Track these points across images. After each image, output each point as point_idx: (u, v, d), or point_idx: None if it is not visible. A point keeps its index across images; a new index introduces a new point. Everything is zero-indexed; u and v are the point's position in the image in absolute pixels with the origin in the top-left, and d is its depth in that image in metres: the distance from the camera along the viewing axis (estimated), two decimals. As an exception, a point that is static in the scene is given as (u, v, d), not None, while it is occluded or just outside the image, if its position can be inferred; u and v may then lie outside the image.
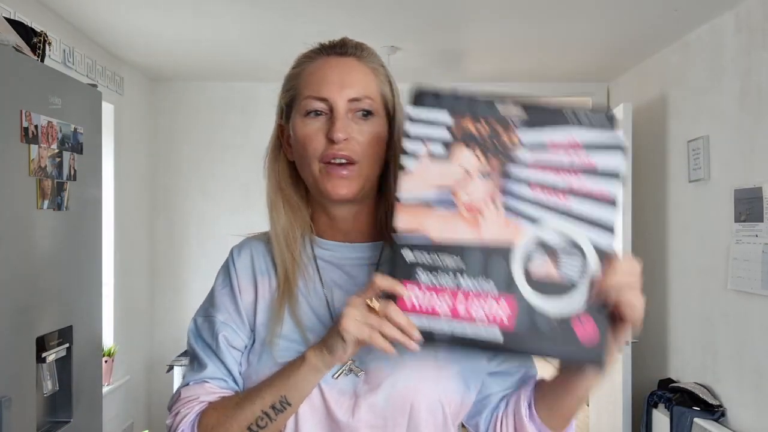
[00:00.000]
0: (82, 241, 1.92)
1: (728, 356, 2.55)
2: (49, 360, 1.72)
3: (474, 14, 2.68)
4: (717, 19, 2.65)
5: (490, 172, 0.64)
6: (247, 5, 2.56)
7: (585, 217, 0.63)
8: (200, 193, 3.90)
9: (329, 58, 0.84)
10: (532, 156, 0.63)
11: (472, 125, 0.64)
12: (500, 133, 0.64)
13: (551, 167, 0.63)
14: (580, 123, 0.64)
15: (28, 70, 1.65)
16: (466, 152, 0.64)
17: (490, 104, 0.65)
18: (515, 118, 0.64)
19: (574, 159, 0.63)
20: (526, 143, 0.63)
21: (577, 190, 0.63)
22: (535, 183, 0.63)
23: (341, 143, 0.79)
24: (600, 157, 0.62)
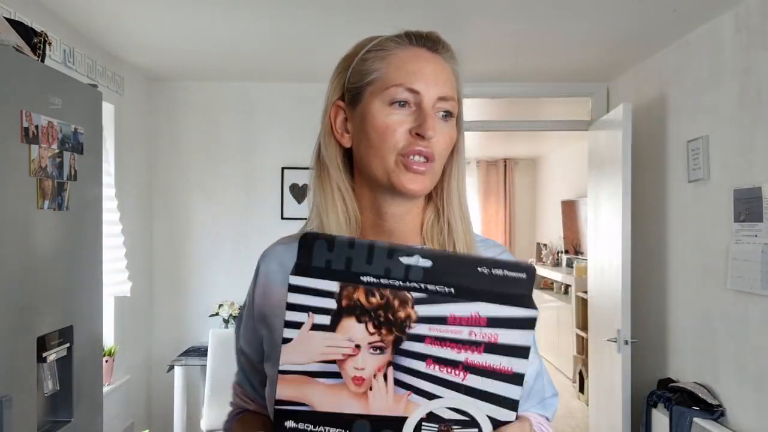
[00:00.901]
0: (82, 241, 1.92)
1: (728, 356, 2.55)
2: (49, 360, 1.72)
3: (474, 14, 2.69)
4: (716, 19, 2.65)
5: (381, 346, 0.59)
6: (247, 6, 2.57)
7: (483, 393, 0.59)
8: (200, 193, 3.90)
9: (421, 50, 0.81)
10: (429, 330, 0.58)
11: (363, 297, 0.58)
12: (395, 306, 0.58)
13: (450, 343, 0.58)
14: (493, 279, 0.59)
15: (29, 71, 1.65)
16: (355, 325, 0.58)
17: (391, 256, 0.59)
18: (413, 281, 0.59)
19: (476, 335, 0.58)
20: (422, 317, 0.58)
21: (477, 365, 0.58)
22: (430, 358, 0.58)
23: (431, 140, 0.77)
24: (506, 333, 0.57)
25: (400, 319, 0.58)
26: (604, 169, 3.37)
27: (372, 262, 0.60)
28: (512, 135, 6.08)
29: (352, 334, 0.59)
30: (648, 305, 3.28)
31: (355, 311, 0.58)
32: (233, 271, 3.80)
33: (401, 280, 0.59)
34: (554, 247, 6.84)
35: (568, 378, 5.53)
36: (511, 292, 0.59)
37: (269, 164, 3.89)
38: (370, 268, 0.60)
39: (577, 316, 5.19)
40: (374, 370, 0.59)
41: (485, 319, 0.57)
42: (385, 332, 0.59)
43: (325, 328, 0.59)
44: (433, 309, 0.58)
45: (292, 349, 0.60)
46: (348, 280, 0.58)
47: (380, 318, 0.58)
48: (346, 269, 0.60)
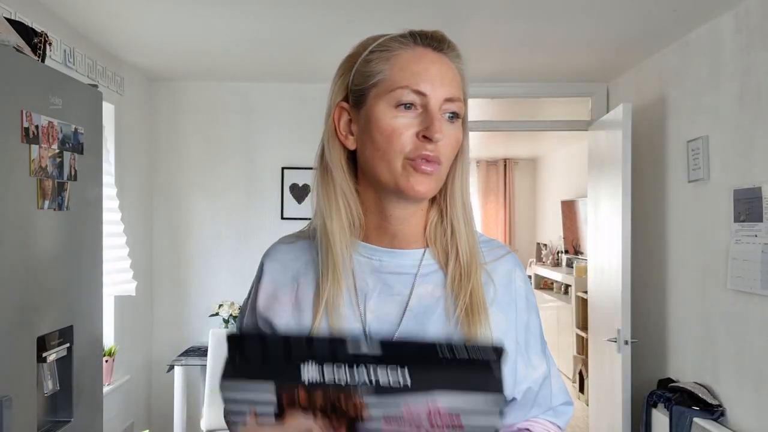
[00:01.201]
0: (82, 241, 1.92)
1: (728, 356, 2.56)
2: (49, 360, 1.72)
3: (473, 14, 2.69)
4: (716, 19, 2.65)
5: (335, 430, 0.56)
6: (247, 6, 2.57)
7: None
8: (200, 193, 3.90)
9: (426, 50, 0.79)
10: (385, 424, 0.55)
11: (304, 396, 0.55)
12: (342, 402, 0.55)
13: (409, 426, 0.54)
14: (451, 371, 0.54)
15: (29, 71, 1.65)
16: (302, 416, 0.55)
17: (335, 348, 0.55)
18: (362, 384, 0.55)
19: (438, 425, 0.54)
20: (375, 415, 0.54)
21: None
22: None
23: (438, 144, 0.76)
24: (470, 418, 0.54)
25: (350, 414, 0.55)
26: (604, 169, 3.37)
27: (314, 355, 0.56)
28: (512, 135, 6.08)
29: (301, 426, 0.56)
30: (648, 305, 3.28)
31: (300, 407, 0.55)
32: (233, 271, 3.80)
33: (349, 363, 0.55)
34: (554, 247, 6.84)
35: (568, 378, 5.53)
36: (477, 375, 0.55)
37: (269, 164, 3.89)
38: (312, 354, 0.55)
39: (577, 316, 5.19)
40: None
41: (444, 409, 0.54)
42: (337, 422, 0.56)
43: (272, 419, 0.56)
44: (386, 402, 0.54)
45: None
46: (287, 374, 0.54)
47: (328, 411, 0.55)
48: (285, 358, 0.56)
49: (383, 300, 0.81)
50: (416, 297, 0.81)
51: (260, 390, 0.55)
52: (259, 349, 0.57)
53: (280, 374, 0.55)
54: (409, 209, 0.82)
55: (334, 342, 0.56)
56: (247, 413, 0.56)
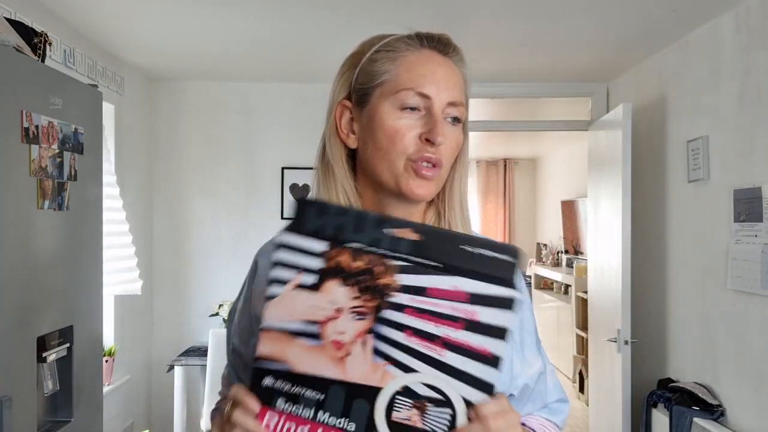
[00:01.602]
0: (82, 241, 1.92)
1: (728, 356, 2.56)
2: (49, 360, 1.72)
3: (473, 14, 2.69)
4: (716, 19, 2.65)
5: (362, 312, 0.59)
6: (247, 6, 2.57)
7: (459, 371, 0.58)
8: (200, 193, 3.90)
9: (432, 53, 0.79)
10: (410, 301, 0.58)
11: (349, 260, 0.59)
12: (378, 273, 0.59)
13: (430, 315, 0.58)
14: (479, 258, 0.58)
15: (29, 71, 1.66)
16: (338, 288, 0.59)
17: (380, 225, 0.60)
18: (401, 252, 0.59)
19: (457, 310, 0.58)
20: (404, 286, 0.58)
21: (455, 342, 0.58)
22: (409, 329, 0.58)
23: (440, 147, 0.76)
24: (486, 311, 0.57)
25: (381, 285, 0.59)
26: (604, 169, 3.37)
27: (362, 231, 0.60)
28: (512, 135, 6.08)
29: (334, 296, 0.60)
30: (648, 305, 3.28)
31: (340, 273, 0.60)
32: (233, 270, 3.80)
33: (390, 249, 0.60)
34: (554, 247, 6.84)
35: (568, 378, 5.53)
36: (495, 274, 0.59)
37: (269, 164, 3.89)
38: (359, 237, 0.60)
39: (577, 316, 5.19)
40: (354, 336, 0.60)
41: (465, 294, 0.58)
42: (366, 298, 0.59)
43: (310, 288, 0.60)
44: (415, 279, 0.58)
45: (276, 306, 0.61)
46: (336, 239, 0.60)
47: (363, 283, 0.59)
48: (335, 236, 0.61)
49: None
50: None
51: (313, 250, 0.60)
52: (319, 219, 0.61)
53: (334, 240, 0.60)
54: (408, 210, 0.82)
55: (381, 220, 0.61)
56: (291, 279, 0.60)
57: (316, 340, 0.60)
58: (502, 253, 0.59)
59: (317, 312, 0.60)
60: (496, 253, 0.59)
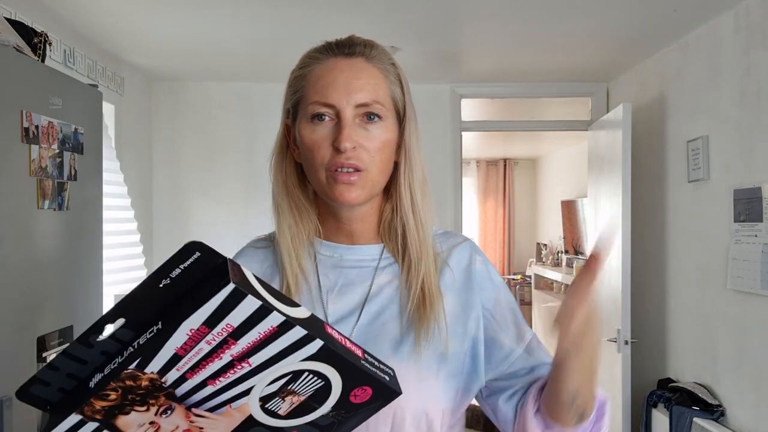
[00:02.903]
0: (82, 241, 1.92)
1: (728, 356, 2.56)
2: (49, 360, 1.72)
3: (474, 14, 2.69)
4: (716, 19, 2.65)
5: (165, 408, 0.58)
6: (247, 6, 2.57)
7: (277, 355, 0.58)
8: (200, 193, 3.90)
9: (337, 60, 0.81)
10: (178, 371, 0.57)
11: (103, 402, 0.56)
12: (132, 384, 0.56)
13: (204, 361, 0.57)
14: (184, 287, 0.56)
15: (29, 71, 1.66)
16: (128, 418, 0.58)
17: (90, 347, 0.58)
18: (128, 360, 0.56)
19: (214, 339, 0.56)
20: (160, 370, 0.56)
21: (245, 351, 0.57)
22: (207, 380, 0.58)
23: (348, 152, 0.77)
24: (233, 315, 0.54)
25: (148, 387, 0.57)
26: (604, 169, 3.37)
27: (86, 361, 0.58)
28: (512, 135, 6.08)
29: (134, 423, 0.58)
30: (648, 305, 3.28)
31: (115, 412, 0.57)
32: (233, 271, 3.79)
33: (121, 348, 0.57)
34: (554, 247, 6.84)
35: (568, 378, 5.52)
36: (203, 284, 0.56)
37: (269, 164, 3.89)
38: (92, 365, 0.58)
39: (577, 316, 5.17)
40: (185, 421, 0.59)
41: (203, 327, 0.55)
42: (153, 401, 0.58)
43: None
44: (159, 358, 0.55)
45: None
46: (81, 395, 0.57)
47: (136, 399, 0.57)
48: (77, 383, 0.58)
49: (344, 293, 0.84)
50: (376, 287, 0.84)
51: (78, 426, 0.57)
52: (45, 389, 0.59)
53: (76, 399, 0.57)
54: (356, 211, 0.84)
55: (83, 338, 0.58)
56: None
57: None
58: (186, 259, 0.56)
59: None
60: (183, 262, 0.56)
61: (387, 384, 0.61)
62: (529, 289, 7.22)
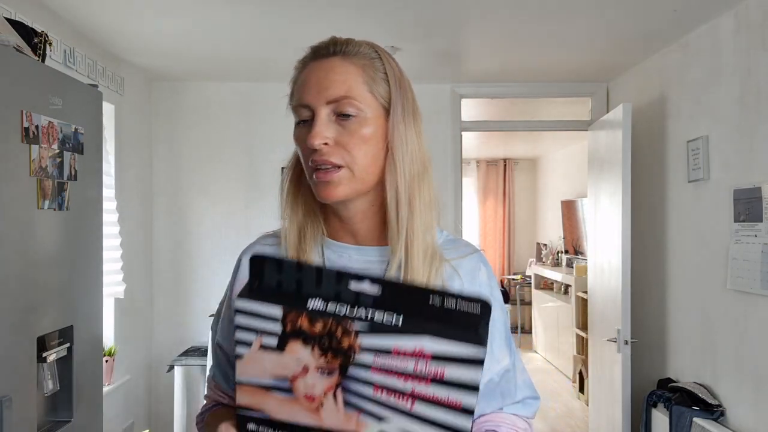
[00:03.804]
0: (82, 241, 1.92)
1: (727, 356, 2.56)
2: (49, 360, 1.72)
3: (474, 14, 2.69)
4: (716, 20, 2.65)
5: (327, 369, 0.60)
6: (247, 6, 2.57)
7: (432, 422, 0.58)
8: (200, 193, 3.90)
9: (314, 62, 0.82)
10: (375, 359, 0.59)
11: (307, 324, 0.59)
12: (338, 334, 0.59)
13: (395, 372, 0.58)
14: (444, 311, 0.58)
15: (29, 71, 1.66)
16: (301, 348, 0.60)
17: (339, 281, 0.60)
18: (364, 306, 0.59)
19: (422, 367, 0.58)
20: (366, 347, 0.59)
21: (424, 396, 0.58)
22: (377, 384, 0.59)
23: (322, 149, 0.78)
24: (452, 368, 0.57)
25: (344, 347, 0.59)
26: (604, 169, 3.37)
27: (321, 286, 0.60)
28: (512, 135, 6.08)
29: (299, 355, 0.60)
30: (648, 305, 3.28)
31: (300, 335, 0.60)
32: (233, 271, 3.79)
33: (351, 304, 0.60)
34: (554, 247, 6.84)
35: (568, 378, 5.53)
36: (462, 326, 0.58)
37: (269, 164, 3.89)
38: (320, 291, 0.60)
39: (577, 316, 5.19)
40: (324, 390, 0.61)
41: (430, 354, 0.57)
42: (330, 357, 0.60)
43: (274, 349, 0.61)
44: (377, 340, 0.58)
45: (245, 365, 0.62)
46: (295, 303, 0.59)
47: (325, 344, 0.59)
48: (296, 291, 0.61)
49: None
50: None
51: (270, 315, 0.60)
52: (276, 276, 0.61)
53: (290, 302, 0.60)
54: (353, 210, 0.84)
55: (340, 275, 0.60)
56: (253, 342, 0.61)
57: (289, 393, 0.62)
58: (468, 306, 0.58)
59: (285, 369, 0.61)
60: (463, 305, 0.58)
61: None
62: (529, 289, 7.23)
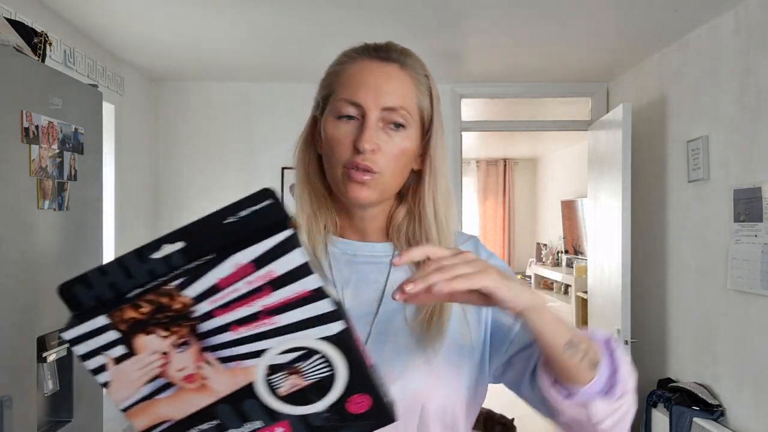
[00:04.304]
0: (82, 241, 1.92)
1: (727, 356, 2.56)
2: (49, 360, 1.72)
3: (474, 14, 2.69)
4: (716, 20, 2.65)
5: (183, 342, 0.59)
6: (247, 6, 2.57)
7: (300, 323, 0.58)
8: (200, 193, 3.90)
9: (371, 62, 0.82)
10: (211, 304, 0.58)
11: (133, 312, 0.58)
12: (166, 302, 0.58)
13: (236, 303, 0.58)
14: (243, 223, 0.58)
15: (29, 71, 1.66)
16: (146, 338, 0.59)
17: (143, 259, 0.59)
18: (177, 266, 0.58)
19: (253, 282, 0.57)
20: (196, 296, 0.57)
21: (275, 306, 0.57)
22: (231, 325, 0.58)
23: (367, 153, 0.78)
24: (278, 263, 0.56)
25: (179, 311, 0.58)
26: (604, 169, 3.37)
27: (132, 274, 0.59)
28: (512, 135, 6.08)
29: (151, 347, 0.59)
30: (648, 305, 3.28)
31: (138, 328, 0.58)
32: (233, 271, 3.79)
33: (167, 272, 0.58)
34: (554, 247, 6.84)
35: (568, 378, 5.53)
36: (263, 225, 0.57)
37: (269, 164, 3.89)
38: (134, 281, 0.59)
39: (577, 316, 5.19)
40: (194, 364, 0.60)
41: (249, 264, 0.56)
42: (175, 329, 0.59)
43: (127, 355, 0.59)
44: (200, 284, 0.57)
45: (116, 389, 0.61)
46: (117, 304, 0.58)
47: (162, 321, 0.58)
48: (115, 295, 0.59)
49: (360, 289, 0.84)
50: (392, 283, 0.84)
51: (100, 328, 0.59)
52: (88, 293, 0.59)
53: (112, 305, 0.58)
54: (369, 210, 0.85)
55: (138, 252, 0.59)
56: (106, 362, 0.60)
57: (171, 388, 0.61)
58: (260, 202, 0.58)
59: (149, 369, 0.60)
60: (254, 205, 0.58)
61: (386, 403, 0.61)
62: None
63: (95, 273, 0.59)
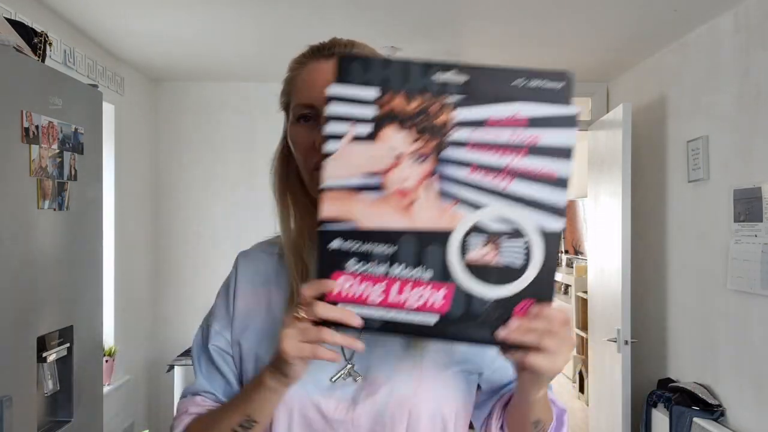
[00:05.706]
0: (82, 241, 1.92)
1: (727, 356, 2.56)
2: (49, 360, 1.72)
3: (474, 14, 2.69)
4: (716, 20, 2.66)
5: (422, 155, 0.58)
6: (247, 6, 2.57)
7: (529, 200, 0.57)
8: (201, 193, 3.90)
9: (318, 62, 0.82)
10: (470, 135, 0.57)
11: (403, 103, 0.58)
12: (434, 111, 0.58)
13: (491, 146, 0.57)
14: (530, 90, 0.57)
15: (29, 71, 1.66)
16: (396, 133, 0.58)
17: (426, 73, 0.58)
18: (452, 94, 0.58)
19: (517, 136, 0.57)
20: (463, 121, 0.57)
21: (521, 170, 0.57)
22: (473, 165, 0.57)
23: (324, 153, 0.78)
24: (548, 133, 0.56)
25: (440, 123, 0.58)
26: (604, 169, 3.37)
27: (409, 80, 0.59)
28: (512, 135, 6.07)
29: (393, 143, 0.58)
30: (648, 305, 3.28)
31: (395, 118, 0.58)
32: (233, 271, 3.79)
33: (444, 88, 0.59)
34: (554, 247, 6.83)
35: (568, 378, 5.53)
36: (549, 100, 0.58)
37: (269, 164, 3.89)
38: (407, 86, 0.59)
39: (577, 316, 5.19)
40: (418, 181, 0.58)
41: (525, 119, 0.57)
42: (426, 139, 0.58)
43: (366, 139, 0.58)
44: (474, 112, 0.57)
45: (335, 163, 0.59)
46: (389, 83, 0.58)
47: (420, 124, 0.58)
48: (383, 85, 0.60)
49: None
50: None
51: (365, 99, 0.58)
52: (363, 75, 0.60)
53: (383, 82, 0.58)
54: None
55: (427, 65, 0.59)
56: (345, 133, 0.59)
57: (380, 191, 0.59)
58: (553, 81, 0.58)
59: (377, 162, 0.59)
60: (547, 80, 0.58)
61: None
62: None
63: (379, 60, 0.59)
